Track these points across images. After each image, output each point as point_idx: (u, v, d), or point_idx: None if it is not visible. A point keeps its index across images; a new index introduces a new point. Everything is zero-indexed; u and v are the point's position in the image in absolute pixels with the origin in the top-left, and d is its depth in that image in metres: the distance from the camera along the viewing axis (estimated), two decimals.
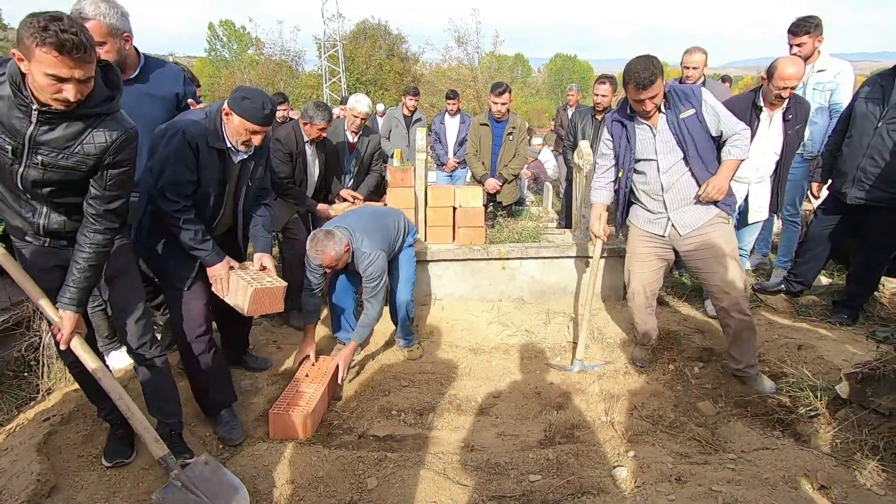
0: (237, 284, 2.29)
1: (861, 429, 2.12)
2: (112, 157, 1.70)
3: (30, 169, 1.63)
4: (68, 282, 1.78)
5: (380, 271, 2.85)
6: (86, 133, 1.64)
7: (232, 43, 33.98)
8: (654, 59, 2.47)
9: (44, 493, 1.98)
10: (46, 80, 1.46)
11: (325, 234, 2.72)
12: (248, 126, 2.15)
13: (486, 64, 26.01)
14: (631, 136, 2.67)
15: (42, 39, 1.39)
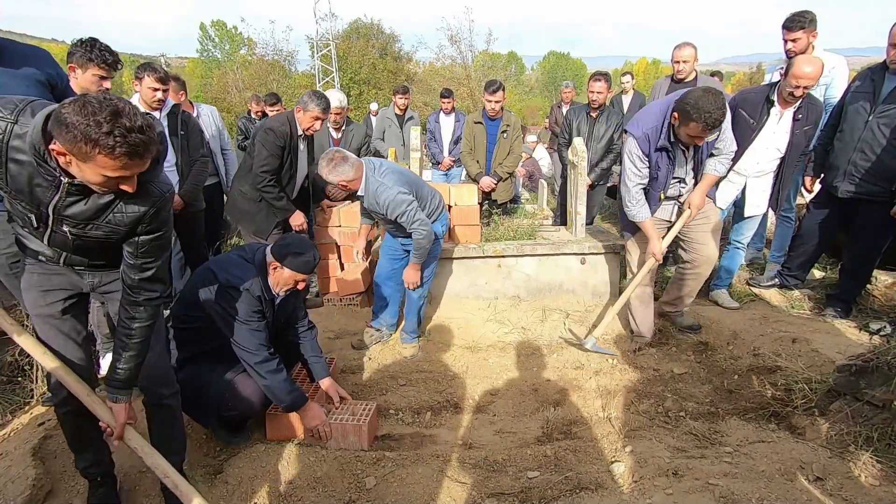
0: (340, 429, 2.35)
1: (855, 420, 2.14)
2: (146, 226, 1.52)
3: (56, 235, 1.50)
4: (117, 366, 1.63)
5: (402, 202, 2.79)
6: (115, 203, 1.45)
7: (224, 43, 33.81)
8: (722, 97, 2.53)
9: (39, 498, 1.97)
10: (103, 179, 1.28)
11: (339, 154, 2.76)
12: (299, 277, 2.27)
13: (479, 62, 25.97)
14: (674, 158, 2.81)
15: (110, 148, 1.19)
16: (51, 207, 1.42)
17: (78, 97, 1.22)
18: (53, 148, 1.25)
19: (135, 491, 2.07)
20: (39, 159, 1.33)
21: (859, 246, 3.21)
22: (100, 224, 1.47)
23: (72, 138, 1.19)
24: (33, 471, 2.02)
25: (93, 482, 1.95)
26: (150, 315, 1.64)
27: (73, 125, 1.18)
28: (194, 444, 2.36)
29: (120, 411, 1.65)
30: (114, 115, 1.19)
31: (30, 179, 1.37)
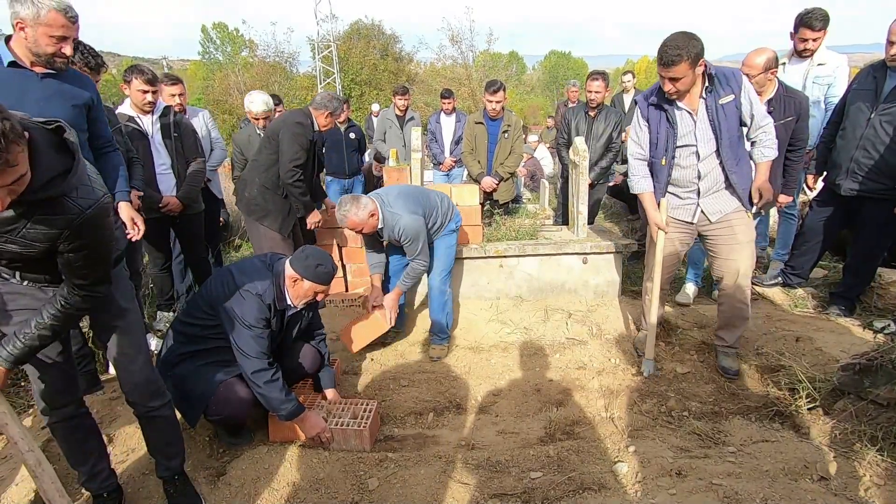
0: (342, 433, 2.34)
1: (859, 420, 2.13)
2: (67, 244, 1.39)
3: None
4: (17, 334, 1.49)
5: (414, 232, 2.91)
6: (27, 216, 1.32)
7: (225, 45, 33.88)
8: (693, 38, 2.30)
9: (43, 501, 1.97)
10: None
11: (351, 199, 2.84)
12: (318, 289, 2.28)
13: (480, 62, 26.00)
14: (673, 120, 2.54)
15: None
16: None
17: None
18: None
19: (138, 493, 2.07)
20: None
21: (862, 244, 3.19)
22: (13, 238, 1.36)
23: None
24: None
25: (97, 497, 1.91)
26: (80, 307, 1.53)
27: None
28: (197, 445, 2.36)
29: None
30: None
31: None
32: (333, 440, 2.33)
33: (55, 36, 1.93)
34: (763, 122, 2.53)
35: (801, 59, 3.58)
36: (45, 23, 1.90)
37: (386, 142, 6.04)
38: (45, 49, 1.96)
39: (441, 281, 3.20)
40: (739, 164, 2.55)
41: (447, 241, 3.20)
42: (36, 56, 1.99)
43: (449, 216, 3.18)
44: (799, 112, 3.19)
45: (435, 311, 3.23)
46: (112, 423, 2.45)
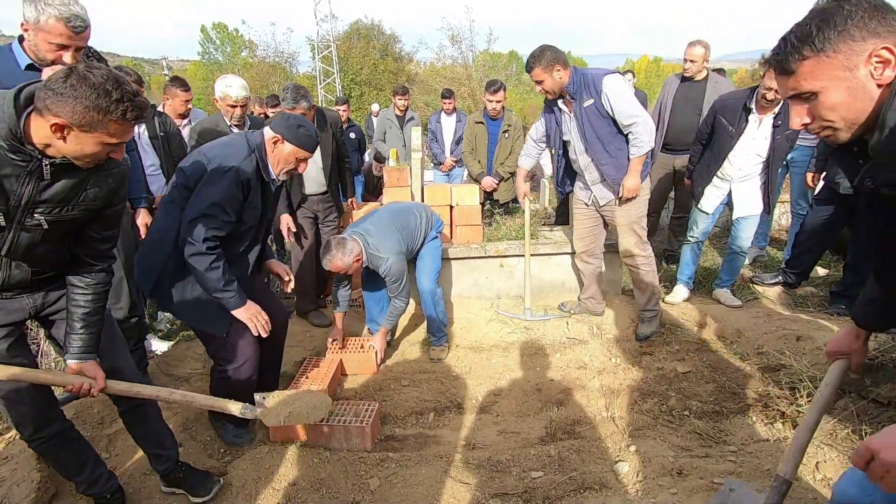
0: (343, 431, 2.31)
1: (861, 419, 2.13)
2: (116, 199, 1.56)
3: (23, 233, 1.41)
4: (76, 330, 1.59)
5: (398, 273, 2.92)
6: (89, 179, 1.44)
7: (225, 46, 33.88)
8: (549, 50, 2.85)
9: (44, 500, 1.98)
10: (101, 148, 1.32)
11: (336, 243, 2.80)
12: (301, 154, 2.13)
13: (480, 62, 25.97)
14: (559, 119, 3.09)
15: (122, 113, 1.26)
16: (24, 196, 1.35)
17: (66, 70, 1.24)
18: (55, 122, 1.23)
19: (139, 493, 2.07)
20: (16, 143, 1.28)
21: (863, 242, 3.19)
22: (76, 203, 1.44)
23: (82, 109, 1.22)
24: (38, 474, 2.02)
25: (100, 500, 1.89)
26: (108, 279, 1.68)
27: (82, 96, 1.21)
28: (198, 445, 2.36)
29: (93, 367, 1.62)
30: (118, 83, 1.26)
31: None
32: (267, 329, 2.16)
33: (54, 43, 1.90)
34: (628, 122, 2.85)
35: None
36: (44, 29, 1.87)
37: (386, 142, 6.04)
38: (45, 55, 1.93)
39: (430, 281, 3.19)
40: (614, 158, 2.96)
41: (432, 246, 3.23)
42: (38, 60, 1.97)
43: (429, 226, 3.21)
44: None
45: (427, 309, 3.23)
46: (113, 422, 2.45)
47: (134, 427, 1.95)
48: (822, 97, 1.01)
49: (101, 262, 1.63)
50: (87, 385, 1.59)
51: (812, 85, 1.01)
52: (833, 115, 1.03)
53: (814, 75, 1.00)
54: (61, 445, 1.77)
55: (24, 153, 1.30)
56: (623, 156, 2.97)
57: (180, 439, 2.36)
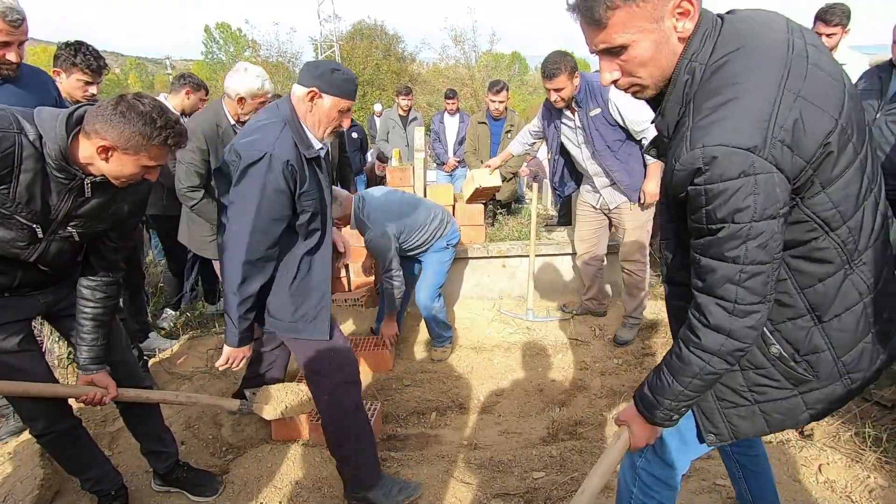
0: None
1: (864, 421, 2.12)
2: (139, 209, 1.65)
3: (54, 244, 1.50)
4: (86, 342, 1.65)
5: (377, 249, 2.83)
6: (119, 195, 1.52)
7: (228, 45, 33.97)
8: (567, 56, 2.78)
9: (48, 497, 1.98)
10: (139, 170, 1.40)
11: (336, 192, 2.74)
12: (343, 104, 1.68)
13: (483, 62, 25.99)
14: (558, 125, 3.04)
15: (164, 139, 1.36)
16: (62, 211, 1.44)
17: (116, 98, 1.36)
18: (102, 144, 1.33)
19: (141, 492, 2.08)
20: (64, 162, 1.37)
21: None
22: (106, 217, 1.54)
23: (129, 134, 1.33)
24: (42, 471, 2.03)
25: (105, 497, 1.90)
26: (117, 291, 1.73)
27: (130, 121, 1.32)
28: (201, 444, 2.37)
29: (103, 377, 1.69)
30: (162, 111, 1.37)
31: (43, 187, 1.39)
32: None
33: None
34: (641, 128, 2.80)
35: None
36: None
37: (389, 142, 6.05)
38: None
39: (428, 297, 3.06)
40: (625, 164, 2.92)
41: (438, 258, 3.07)
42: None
43: (440, 233, 3.01)
44: None
45: (427, 321, 3.20)
46: (115, 420, 2.45)
47: (136, 425, 1.96)
48: (631, 51, 0.95)
49: (112, 272, 1.67)
50: (99, 395, 1.68)
51: (623, 37, 0.94)
52: (642, 71, 0.98)
53: (625, 26, 0.93)
54: (71, 442, 1.79)
55: (69, 172, 1.39)
56: (633, 160, 2.92)
57: (182, 438, 2.37)
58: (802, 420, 1.07)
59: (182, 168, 2.62)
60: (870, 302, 1.00)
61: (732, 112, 0.85)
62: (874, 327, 1.02)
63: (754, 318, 0.92)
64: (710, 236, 0.90)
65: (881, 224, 0.99)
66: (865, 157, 0.94)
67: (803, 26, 1.00)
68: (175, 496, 2.05)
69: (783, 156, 0.84)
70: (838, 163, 0.89)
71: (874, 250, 0.98)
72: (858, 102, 0.96)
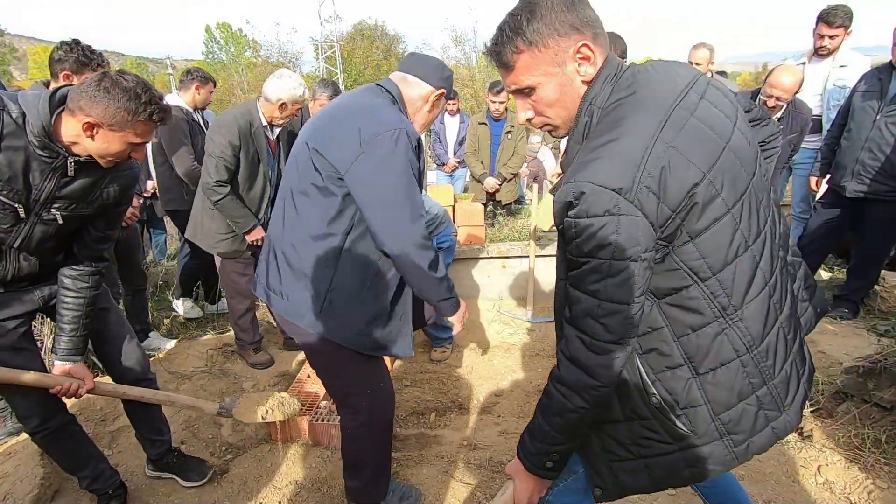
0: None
1: (863, 423, 2.12)
2: (124, 196, 1.63)
3: (38, 226, 1.48)
4: (66, 333, 1.63)
5: None
6: (106, 179, 1.53)
7: (229, 45, 33.98)
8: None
9: (47, 496, 1.99)
10: (125, 147, 1.41)
11: None
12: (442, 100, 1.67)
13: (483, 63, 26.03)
14: None
15: (149, 115, 1.37)
16: (45, 192, 1.43)
17: (99, 75, 1.36)
18: (87, 121, 1.33)
19: (141, 490, 2.08)
20: (46, 141, 1.36)
21: (867, 246, 3.18)
22: (91, 201, 1.53)
23: (114, 109, 1.33)
24: (41, 470, 2.03)
25: (103, 496, 1.90)
26: (100, 282, 1.72)
27: (115, 97, 1.32)
28: (200, 443, 2.37)
29: (80, 368, 1.68)
30: (146, 87, 1.37)
31: (25, 165, 1.37)
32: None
33: None
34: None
35: (821, 58, 3.50)
36: None
37: None
38: None
39: None
40: None
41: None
42: None
43: (434, 229, 2.90)
44: (802, 126, 3.13)
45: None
46: (115, 419, 2.46)
47: (135, 412, 1.99)
48: (538, 92, 1.00)
49: (96, 262, 1.67)
50: (75, 385, 1.64)
51: (529, 79, 1.00)
52: (550, 111, 1.03)
53: (529, 69, 0.99)
54: (65, 438, 1.79)
55: (52, 150, 1.38)
56: None
57: (183, 437, 2.37)
58: (685, 477, 1.03)
59: (212, 162, 2.63)
60: (749, 361, 0.97)
61: (608, 153, 0.88)
62: (759, 389, 0.99)
63: (610, 357, 0.93)
64: (578, 269, 0.92)
65: (762, 283, 0.97)
66: (741, 213, 0.93)
67: (718, 83, 1.02)
68: (173, 488, 2.06)
69: (648, 201, 0.86)
70: (704, 215, 0.89)
71: (755, 310, 0.96)
72: (749, 161, 0.96)
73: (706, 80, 1.01)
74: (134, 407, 1.97)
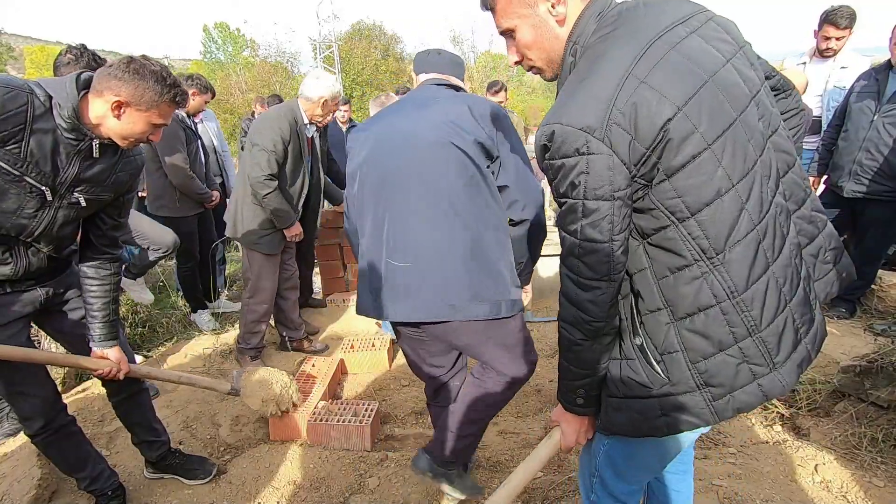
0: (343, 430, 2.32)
1: (860, 422, 2.13)
2: (134, 183, 1.69)
3: (61, 211, 1.52)
4: (98, 320, 1.70)
5: None
6: (119, 162, 1.58)
7: (227, 45, 33.93)
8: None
9: (45, 497, 1.98)
10: (148, 128, 1.49)
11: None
12: None
13: (481, 63, 26.08)
14: None
15: (172, 97, 1.46)
16: (70, 174, 1.48)
17: (127, 58, 1.44)
18: (117, 100, 1.40)
19: (139, 491, 2.08)
20: (76, 121, 1.42)
21: (864, 245, 3.19)
22: (108, 185, 1.58)
23: (143, 90, 1.41)
24: (38, 471, 2.03)
25: (101, 497, 1.90)
26: (119, 269, 1.78)
27: (144, 78, 1.41)
28: (199, 443, 2.37)
29: (116, 352, 1.75)
30: (169, 72, 1.47)
31: (53, 148, 1.41)
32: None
33: None
34: None
35: (822, 59, 3.49)
36: None
37: None
38: None
39: None
40: None
41: None
42: None
43: None
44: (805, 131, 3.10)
45: None
46: (113, 420, 2.45)
47: (129, 416, 1.98)
48: (517, 34, 1.03)
49: (113, 249, 1.73)
50: (114, 369, 1.74)
51: (507, 22, 1.03)
52: (531, 53, 1.04)
53: (505, 12, 1.02)
54: (65, 439, 1.80)
55: (80, 132, 1.44)
56: None
57: (181, 438, 2.37)
58: (659, 426, 1.01)
59: (264, 156, 2.64)
60: (730, 309, 0.93)
61: (580, 92, 0.88)
62: (742, 341, 0.94)
63: (596, 293, 0.95)
64: (560, 209, 0.95)
65: (749, 226, 0.92)
66: (724, 151, 0.89)
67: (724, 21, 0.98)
68: (171, 488, 2.05)
69: (620, 139, 0.85)
70: (680, 151, 0.87)
71: (739, 255, 0.92)
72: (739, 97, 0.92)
73: (707, 16, 0.97)
74: (127, 409, 1.96)
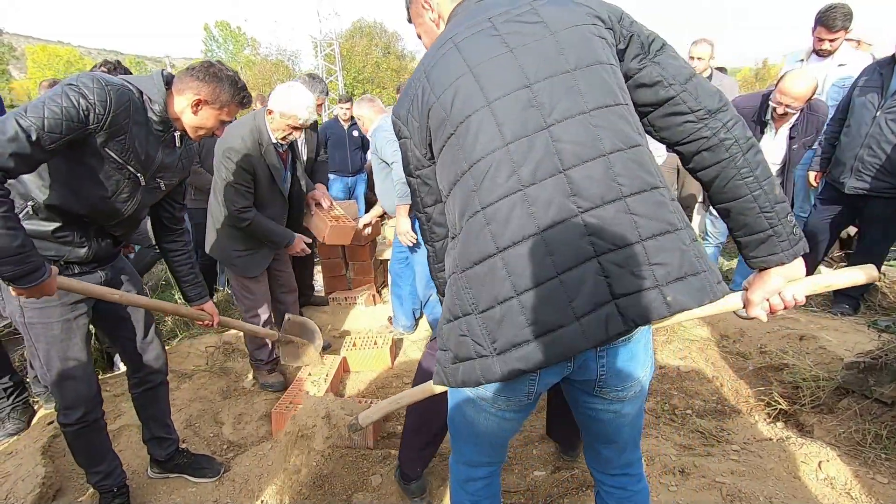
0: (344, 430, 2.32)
1: (864, 418, 2.12)
2: (191, 167, 1.88)
3: (146, 195, 1.69)
4: (190, 282, 1.98)
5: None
6: (183, 147, 1.76)
7: (228, 43, 33.92)
8: None
9: (49, 496, 1.99)
10: (217, 124, 1.67)
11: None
12: None
13: None
14: None
15: (241, 97, 1.67)
16: (157, 162, 1.64)
17: (206, 62, 1.65)
18: (197, 98, 1.58)
19: (142, 490, 2.08)
20: (166, 114, 1.59)
21: (867, 242, 3.18)
22: (178, 171, 1.77)
23: (219, 91, 1.61)
24: (43, 469, 2.04)
25: (107, 494, 1.92)
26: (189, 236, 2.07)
27: (222, 81, 1.61)
28: (202, 441, 2.37)
29: (210, 306, 2.04)
30: (238, 77, 1.68)
31: (146, 138, 1.58)
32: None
33: None
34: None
35: (820, 58, 3.48)
36: None
37: None
38: None
39: (424, 295, 3.10)
40: None
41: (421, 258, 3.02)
42: None
43: None
44: (818, 128, 3.03)
45: (428, 320, 3.22)
46: (117, 418, 2.46)
47: (147, 408, 2.01)
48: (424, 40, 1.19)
49: (180, 224, 1.96)
50: (211, 320, 2.03)
51: (418, 29, 1.19)
52: None
53: (415, 16, 1.18)
54: (95, 432, 1.83)
55: (167, 124, 1.62)
56: None
57: (184, 436, 2.37)
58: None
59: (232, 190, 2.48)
60: (503, 261, 0.92)
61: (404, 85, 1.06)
62: (522, 296, 0.90)
63: (433, 248, 1.19)
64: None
65: (508, 188, 0.92)
66: (467, 130, 0.94)
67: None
68: (174, 486, 2.06)
69: (413, 127, 1.05)
70: (437, 137, 1.00)
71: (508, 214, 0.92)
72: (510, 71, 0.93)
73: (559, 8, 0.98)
74: (145, 401, 1.99)
